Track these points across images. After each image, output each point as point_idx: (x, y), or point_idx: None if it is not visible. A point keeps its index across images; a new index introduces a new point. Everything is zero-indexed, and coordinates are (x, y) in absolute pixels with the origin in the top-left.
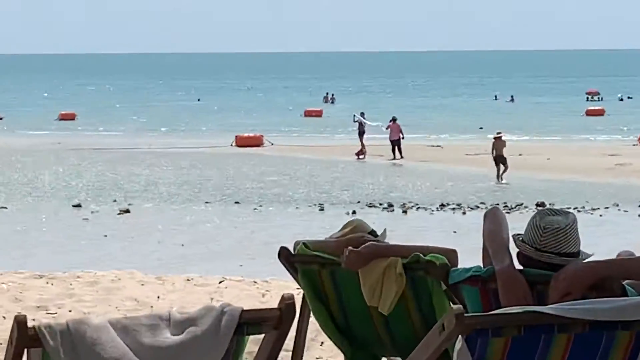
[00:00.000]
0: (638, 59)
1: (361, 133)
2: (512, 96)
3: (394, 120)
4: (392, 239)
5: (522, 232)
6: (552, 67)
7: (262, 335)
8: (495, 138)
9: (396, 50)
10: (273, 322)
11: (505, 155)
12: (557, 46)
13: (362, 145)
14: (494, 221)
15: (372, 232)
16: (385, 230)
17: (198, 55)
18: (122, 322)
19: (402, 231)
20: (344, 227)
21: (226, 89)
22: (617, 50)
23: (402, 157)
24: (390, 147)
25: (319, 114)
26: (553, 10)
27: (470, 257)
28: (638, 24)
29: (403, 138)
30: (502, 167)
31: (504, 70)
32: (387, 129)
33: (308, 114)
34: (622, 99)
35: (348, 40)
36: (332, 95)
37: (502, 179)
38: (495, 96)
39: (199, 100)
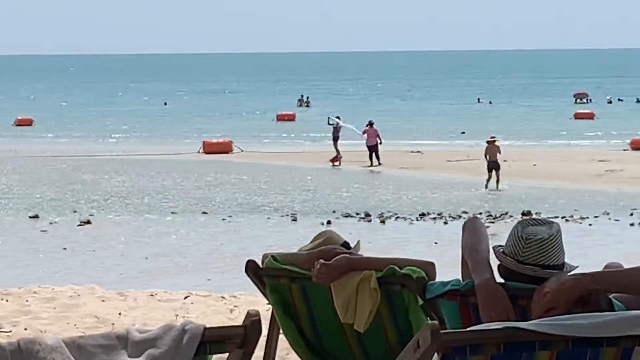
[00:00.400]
0: (626, 59)
1: (335, 138)
2: (489, 101)
3: (370, 124)
4: (369, 251)
5: (504, 244)
6: (538, 67)
7: (227, 355)
8: (488, 142)
9: (378, 50)
10: (237, 340)
11: (499, 161)
12: (543, 46)
13: (337, 151)
14: (473, 232)
15: (345, 244)
16: (358, 241)
17: (174, 56)
18: (76, 341)
19: (380, 242)
20: (315, 238)
21: (196, 92)
22: (605, 49)
23: (379, 163)
24: (367, 153)
25: (291, 118)
26: (537, 9)
27: (452, 270)
28: (623, 23)
29: (381, 143)
30: (494, 174)
31: (488, 71)
32: (363, 133)
33: (280, 118)
34: (610, 102)
35: (330, 40)
36: (307, 98)
37: (497, 187)
38: (478, 99)
39: (165, 104)
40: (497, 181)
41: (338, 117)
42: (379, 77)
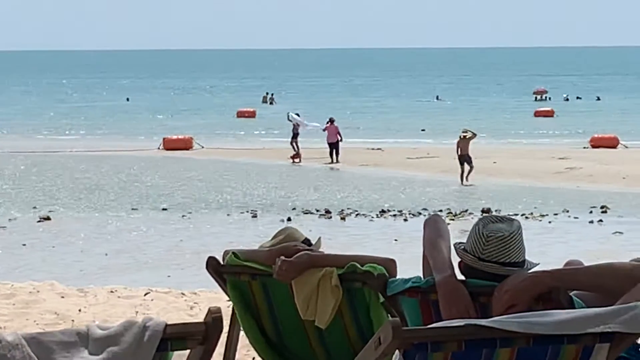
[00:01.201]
0: (585, 57)
1: (295, 135)
2: (437, 95)
3: (331, 121)
4: (330, 248)
5: (465, 241)
6: (498, 65)
7: (188, 351)
8: (461, 136)
9: (348, 47)
10: (199, 337)
11: (470, 154)
12: (503, 44)
13: (297, 148)
14: (434, 229)
15: (306, 241)
16: (319, 238)
17: (145, 52)
18: (37, 337)
19: (340, 239)
20: (276, 235)
21: (158, 88)
22: (565, 47)
23: (339, 160)
24: (328, 150)
25: (251, 114)
26: (498, 8)
27: (413, 267)
28: (582, 23)
29: (341, 140)
30: (466, 167)
31: (448, 68)
32: (324, 130)
33: (241, 114)
34: (567, 99)
35: (301, 37)
36: (272, 95)
37: (467, 180)
38: (437, 96)
39: (127, 99)
40: (463, 175)
41: (297, 114)
42: (338, 74)
